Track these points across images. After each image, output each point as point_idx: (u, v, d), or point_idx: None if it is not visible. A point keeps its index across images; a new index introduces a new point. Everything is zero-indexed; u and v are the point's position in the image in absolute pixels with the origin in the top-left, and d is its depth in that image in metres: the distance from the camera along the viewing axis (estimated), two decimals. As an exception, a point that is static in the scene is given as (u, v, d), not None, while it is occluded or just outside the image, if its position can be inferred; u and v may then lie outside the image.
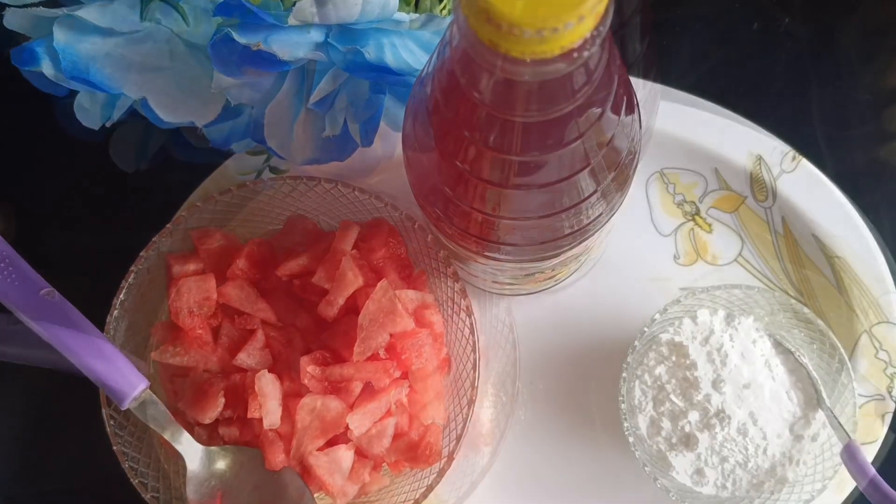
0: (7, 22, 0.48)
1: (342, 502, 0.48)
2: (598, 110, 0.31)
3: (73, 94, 0.52)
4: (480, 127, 0.30)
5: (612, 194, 0.37)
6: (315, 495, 0.47)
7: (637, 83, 0.57)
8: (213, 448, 0.48)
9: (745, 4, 0.63)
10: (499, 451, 0.48)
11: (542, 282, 0.52)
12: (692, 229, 0.59)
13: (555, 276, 0.52)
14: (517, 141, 0.30)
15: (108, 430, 0.47)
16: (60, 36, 0.47)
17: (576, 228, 0.37)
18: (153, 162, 0.53)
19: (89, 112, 0.52)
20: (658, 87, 0.58)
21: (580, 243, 0.41)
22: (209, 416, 0.48)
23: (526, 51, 0.26)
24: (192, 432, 0.48)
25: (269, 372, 0.47)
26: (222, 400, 0.48)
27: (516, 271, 0.46)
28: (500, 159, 0.31)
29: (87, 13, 0.47)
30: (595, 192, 0.35)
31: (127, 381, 0.44)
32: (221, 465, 0.48)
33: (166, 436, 0.46)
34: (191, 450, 0.47)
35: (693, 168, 0.59)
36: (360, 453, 0.49)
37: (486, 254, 0.40)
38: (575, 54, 0.26)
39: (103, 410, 0.47)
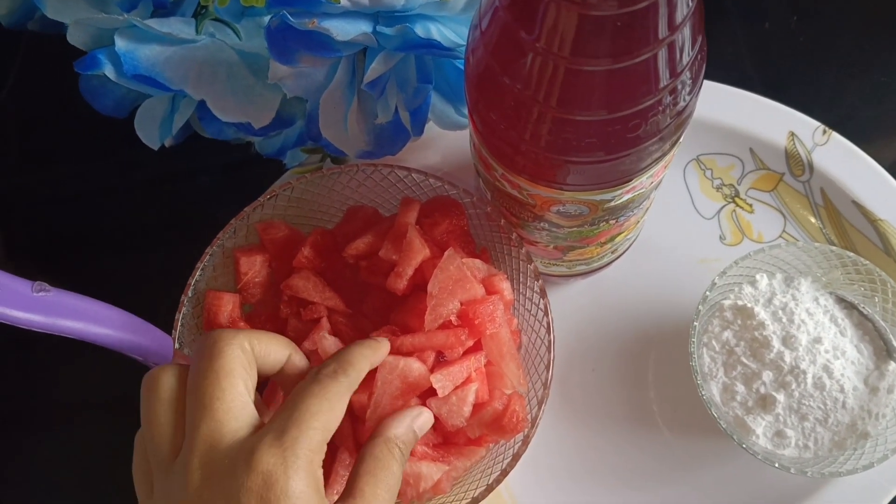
0: (70, 37, 0.50)
1: (424, 484, 0.47)
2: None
3: (132, 115, 0.54)
4: None
5: (671, 120, 0.38)
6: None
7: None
8: None
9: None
10: (531, 437, 0.47)
11: (593, 255, 0.52)
12: (734, 211, 0.60)
13: (602, 253, 0.53)
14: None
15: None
16: (122, 43, 0.49)
17: (638, 142, 0.38)
18: (178, 138, 0.55)
19: (149, 131, 0.54)
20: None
21: (638, 175, 0.41)
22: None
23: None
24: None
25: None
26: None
27: (574, 227, 0.46)
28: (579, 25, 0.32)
29: (148, 22, 0.49)
30: (662, 93, 0.36)
31: (161, 344, 0.43)
32: None
33: None
34: None
35: (728, 151, 0.60)
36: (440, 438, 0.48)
37: (552, 182, 0.41)
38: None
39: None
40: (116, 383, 0.59)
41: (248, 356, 0.39)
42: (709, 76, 0.58)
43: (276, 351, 0.41)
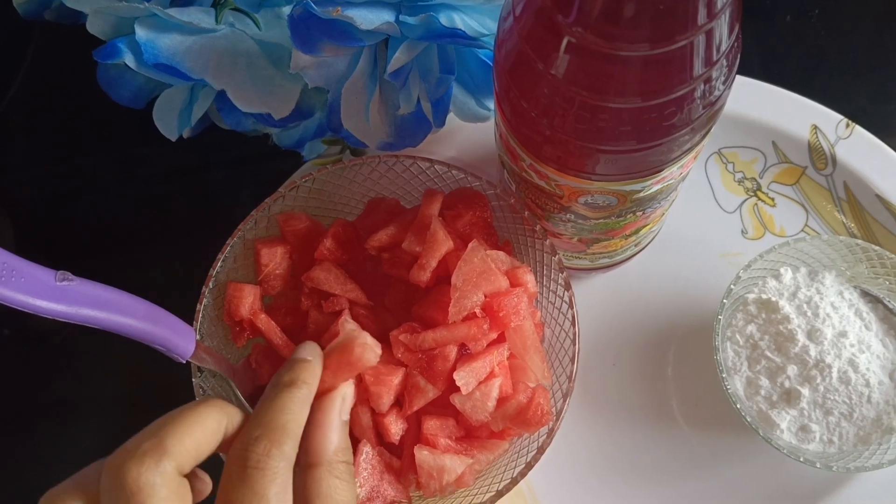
0: (90, 26, 0.50)
1: (448, 477, 0.46)
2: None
3: (150, 107, 0.54)
4: None
5: (703, 110, 0.38)
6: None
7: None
8: None
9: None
10: (556, 430, 0.47)
11: (617, 248, 0.52)
12: (755, 205, 0.59)
13: (626, 246, 0.52)
14: None
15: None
16: (142, 32, 0.48)
17: (672, 131, 0.38)
18: (196, 129, 0.54)
19: (167, 121, 0.54)
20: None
21: (669, 165, 0.41)
22: None
23: None
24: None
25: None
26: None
27: (601, 219, 0.46)
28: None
29: (169, 11, 0.48)
30: (698, 81, 0.36)
31: (183, 334, 0.42)
32: None
33: (222, 371, 0.45)
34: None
35: (751, 145, 0.60)
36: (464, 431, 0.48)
37: (582, 172, 0.40)
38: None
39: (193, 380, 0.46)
40: (119, 382, 0.59)
41: (172, 486, 0.33)
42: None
43: (209, 430, 0.35)
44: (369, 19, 0.47)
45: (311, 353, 0.39)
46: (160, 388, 0.52)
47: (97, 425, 0.59)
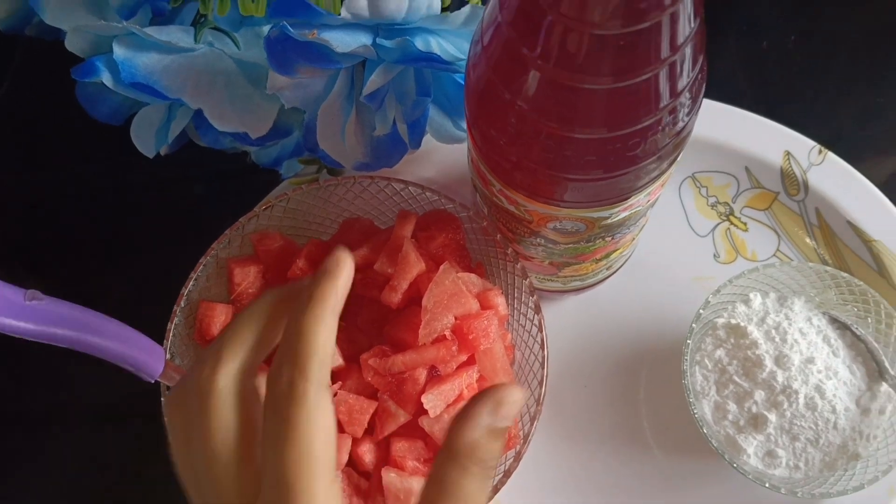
0: (68, 44, 0.50)
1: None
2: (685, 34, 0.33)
3: (128, 125, 0.54)
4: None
5: (670, 140, 0.38)
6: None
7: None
8: None
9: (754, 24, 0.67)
10: (523, 454, 0.47)
11: (588, 272, 0.52)
12: (728, 229, 0.60)
13: (597, 269, 0.53)
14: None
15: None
16: (120, 51, 0.49)
17: (637, 161, 0.38)
18: (173, 147, 0.54)
19: (144, 139, 0.54)
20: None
21: (636, 193, 0.41)
22: None
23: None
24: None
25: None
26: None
27: (570, 244, 0.46)
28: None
29: (146, 30, 0.49)
30: (662, 112, 0.36)
31: (152, 354, 0.42)
32: None
33: None
34: None
35: (724, 170, 0.60)
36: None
37: (550, 199, 0.41)
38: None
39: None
40: (110, 389, 0.59)
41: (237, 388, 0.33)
42: (705, 94, 0.59)
43: (258, 330, 0.34)
44: (346, 42, 0.47)
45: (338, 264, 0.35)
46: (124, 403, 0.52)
47: (63, 438, 0.59)
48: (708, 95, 0.58)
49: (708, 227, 0.60)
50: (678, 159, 0.42)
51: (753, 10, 0.67)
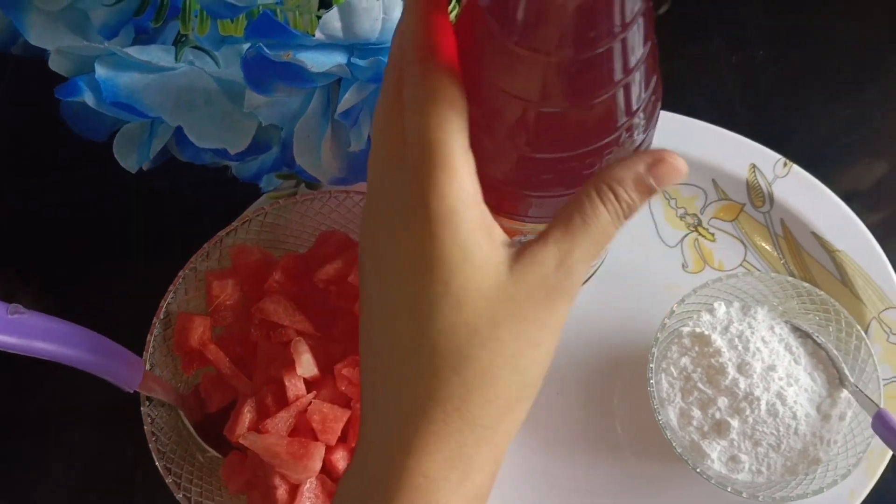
0: (52, 64, 0.52)
1: None
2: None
3: (111, 138, 0.56)
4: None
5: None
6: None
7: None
8: None
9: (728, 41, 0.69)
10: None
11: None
12: (696, 239, 0.62)
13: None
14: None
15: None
16: (102, 70, 0.50)
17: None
18: (155, 162, 0.56)
19: (127, 155, 0.56)
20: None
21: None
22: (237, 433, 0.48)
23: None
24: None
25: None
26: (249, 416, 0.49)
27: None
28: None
29: (127, 50, 0.50)
30: (617, 132, 0.38)
31: (131, 366, 0.44)
32: None
33: (170, 401, 0.47)
34: None
35: (692, 182, 0.62)
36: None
37: (514, 214, 0.42)
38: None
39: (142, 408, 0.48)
40: (101, 392, 0.61)
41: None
42: (673, 109, 0.61)
43: None
44: (321, 62, 0.49)
45: None
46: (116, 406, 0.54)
47: (54, 441, 0.60)
48: (674, 109, 0.61)
49: (677, 238, 0.62)
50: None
51: (721, 28, 0.69)
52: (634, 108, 0.38)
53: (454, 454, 0.32)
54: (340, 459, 0.48)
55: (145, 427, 0.48)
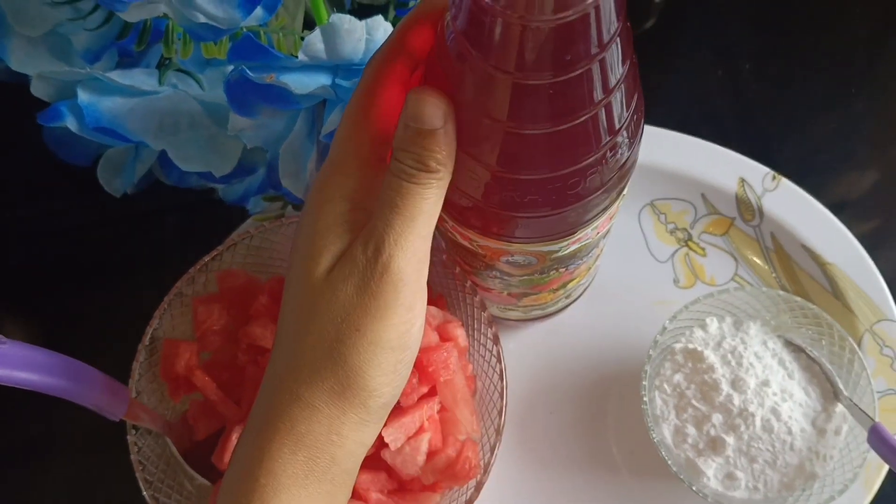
0: (34, 89, 0.51)
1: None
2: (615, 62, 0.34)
3: (96, 163, 0.55)
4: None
5: (615, 174, 0.40)
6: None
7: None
8: None
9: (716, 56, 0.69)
10: (484, 483, 0.48)
11: (547, 301, 0.54)
12: (687, 254, 0.61)
13: (556, 298, 0.54)
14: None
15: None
16: (84, 96, 0.50)
17: (579, 198, 0.39)
18: (140, 186, 0.56)
19: (111, 179, 0.55)
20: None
21: (583, 227, 0.43)
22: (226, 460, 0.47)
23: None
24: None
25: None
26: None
27: (525, 276, 0.48)
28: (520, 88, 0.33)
29: (110, 74, 0.50)
30: (600, 151, 0.38)
31: (116, 395, 0.44)
32: None
33: (157, 429, 0.47)
34: None
35: (681, 197, 0.62)
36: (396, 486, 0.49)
37: (500, 236, 0.42)
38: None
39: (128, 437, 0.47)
40: (87, 421, 0.60)
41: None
42: (661, 123, 0.61)
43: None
44: (304, 83, 0.49)
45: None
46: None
47: (42, 468, 0.59)
48: (661, 125, 0.61)
49: (667, 253, 0.61)
50: (625, 193, 0.44)
51: (708, 41, 0.69)
52: (617, 126, 0.38)
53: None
54: None
55: (132, 456, 0.47)
